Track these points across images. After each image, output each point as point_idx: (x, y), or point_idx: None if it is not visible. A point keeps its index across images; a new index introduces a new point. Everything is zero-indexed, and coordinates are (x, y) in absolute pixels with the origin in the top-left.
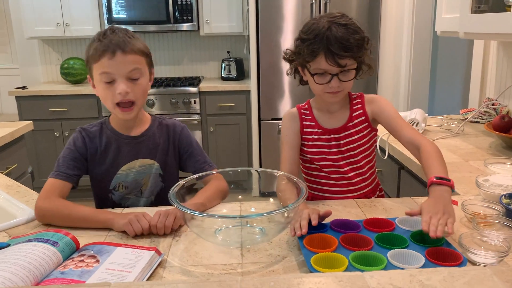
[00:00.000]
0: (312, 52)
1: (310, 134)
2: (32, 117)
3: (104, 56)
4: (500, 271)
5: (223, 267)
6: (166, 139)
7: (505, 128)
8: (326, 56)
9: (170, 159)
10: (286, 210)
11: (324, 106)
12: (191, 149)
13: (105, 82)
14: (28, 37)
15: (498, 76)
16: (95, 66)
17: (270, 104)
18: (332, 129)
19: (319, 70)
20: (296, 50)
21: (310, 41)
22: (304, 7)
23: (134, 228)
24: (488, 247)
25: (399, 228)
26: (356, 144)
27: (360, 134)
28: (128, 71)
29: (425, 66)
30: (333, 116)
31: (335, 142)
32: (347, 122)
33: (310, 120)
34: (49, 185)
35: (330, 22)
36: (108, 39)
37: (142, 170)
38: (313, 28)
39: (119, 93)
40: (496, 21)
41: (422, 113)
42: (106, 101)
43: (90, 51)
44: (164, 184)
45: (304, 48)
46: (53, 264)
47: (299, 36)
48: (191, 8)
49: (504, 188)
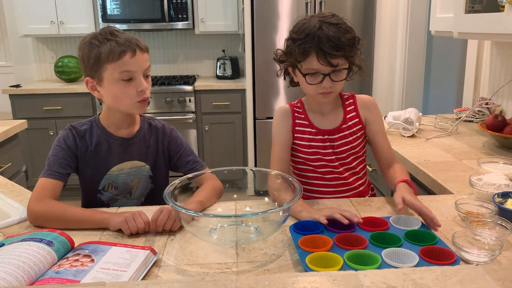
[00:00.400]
0: (304, 51)
1: (303, 133)
2: (26, 116)
3: (126, 54)
4: (492, 270)
5: (218, 266)
6: (155, 141)
7: (499, 128)
8: (318, 55)
9: (159, 161)
10: (281, 209)
11: (316, 107)
12: (181, 150)
13: (123, 81)
14: (22, 35)
15: (492, 76)
16: (112, 66)
17: (265, 102)
18: (326, 130)
19: (311, 70)
20: (287, 50)
21: (301, 40)
22: (299, 6)
23: (129, 226)
24: (481, 246)
25: (393, 227)
26: (350, 146)
27: (354, 136)
28: (145, 68)
29: (420, 65)
30: (326, 117)
31: (330, 143)
32: (341, 124)
33: (303, 119)
34: (41, 185)
35: (321, 22)
36: (122, 38)
37: (132, 172)
38: (304, 28)
39: (141, 90)
40: (490, 21)
41: (416, 112)
42: (124, 99)
43: (102, 51)
44: (154, 185)
45: (295, 48)
46: (48, 263)
47: (289, 36)
48: (186, 7)
49: (497, 187)
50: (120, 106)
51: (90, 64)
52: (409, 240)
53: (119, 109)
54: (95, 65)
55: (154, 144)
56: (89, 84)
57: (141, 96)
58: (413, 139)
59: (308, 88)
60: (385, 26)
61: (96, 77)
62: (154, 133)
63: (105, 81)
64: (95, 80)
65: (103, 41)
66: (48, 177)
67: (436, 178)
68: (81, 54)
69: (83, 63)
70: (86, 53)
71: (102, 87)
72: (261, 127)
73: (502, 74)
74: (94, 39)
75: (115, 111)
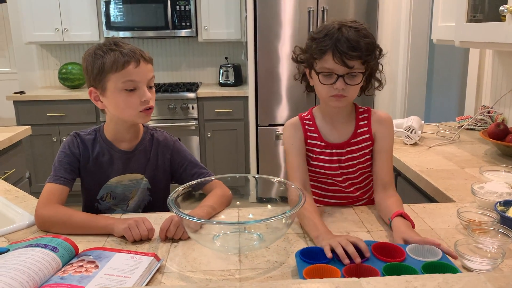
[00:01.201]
0: (321, 49)
1: (313, 146)
2: (29, 122)
3: (130, 65)
4: (493, 278)
5: (221, 273)
6: (155, 154)
7: (501, 136)
8: (333, 54)
9: (159, 173)
10: (284, 216)
11: (328, 116)
12: (186, 163)
13: (126, 90)
14: (26, 42)
15: (494, 84)
16: (116, 76)
17: (268, 110)
18: (335, 143)
19: (326, 69)
20: (306, 47)
21: (319, 39)
22: (302, 14)
23: (133, 233)
24: (483, 254)
25: (410, 258)
26: (357, 161)
27: (362, 151)
28: (149, 79)
29: (422, 73)
30: (336, 129)
31: (337, 157)
32: (351, 138)
33: (313, 132)
34: (48, 190)
35: (341, 24)
36: (126, 48)
37: (131, 184)
38: (324, 28)
39: (145, 100)
40: (491, 30)
41: (419, 120)
42: (127, 109)
43: (106, 61)
44: (152, 197)
45: (313, 45)
46: (53, 269)
47: (310, 36)
48: (190, 15)
49: (499, 196)
50: (123, 116)
51: (94, 74)
52: (427, 273)
53: (123, 119)
54: (98, 75)
55: (154, 157)
56: (92, 95)
57: (144, 106)
58: (415, 147)
59: (321, 89)
60: (387, 34)
61: (99, 87)
62: (155, 145)
63: (109, 91)
64: (99, 90)
65: (107, 51)
66: (54, 182)
67: (438, 186)
68: (85, 64)
69: (87, 74)
70: (90, 64)
71: (105, 97)
72: (263, 134)
73: (504, 82)
74: (99, 50)
75: (118, 122)
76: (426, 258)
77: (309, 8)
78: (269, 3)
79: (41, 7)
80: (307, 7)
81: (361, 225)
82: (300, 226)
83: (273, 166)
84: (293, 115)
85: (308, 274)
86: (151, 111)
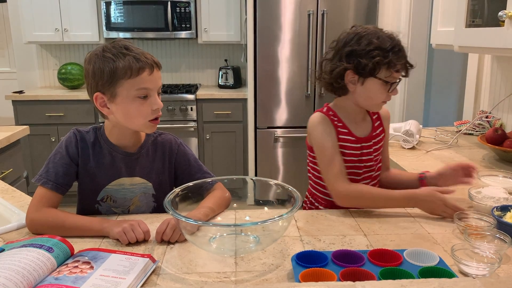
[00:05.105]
0: (397, 60)
1: (345, 141)
2: (28, 122)
3: (145, 71)
4: (489, 283)
5: (217, 275)
6: (161, 158)
7: (498, 141)
8: (404, 65)
9: (164, 179)
10: (281, 219)
11: (352, 115)
12: (189, 167)
13: (139, 98)
14: (26, 41)
15: (492, 89)
16: (129, 82)
17: (267, 112)
18: (362, 137)
19: (393, 79)
20: (376, 57)
21: (393, 50)
22: (302, 17)
23: (128, 237)
24: (480, 259)
25: (407, 263)
26: (378, 152)
27: (380, 144)
28: (159, 86)
29: (421, 78)
30: (359, 125)
31: (365, 150)
32: (372, 131)
33: (342, 127)
34: (39, 195)
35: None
36: (138, 53)
37: (132, 189)
38: (388, 37)
39: (157, 108)
40: (490, 36)
41: (417, 125)
42: (138, 117)
43: (118, 66)
44: (157, 203)
45: (381, 54)
46: (47, 269)
47: (377, 45)
48: (190, 16)
49: (496, 201)
50: (131, 125)
51: (104, 79)
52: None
53: (129, 127)
54: (109, 80)
55: (160, 161)
56: (99, 100)
57: (155, 115)
58: (413, 151)
59: (379, 96)
60: None
61: (108, 93)
62: (160, 149)
63: (119, 97)
64: (107, 96)
65: (118, 55)
66: (44, 186)
67: None
68: (91, 67)
69: (94, 78)
70: (98, 67)
71: (114, 103)
72: (262, 136)
73: (503, 87)
74: (108, 53)
75: (122, 128)
76: (423, 263)
77: (309, 11)
78: (269, 6)
79: (41, 7)
80: (307, 10)
81: (358, 228)
82: (298, 228)
83: (272, 169)
84: (292, 118)
85: (305, 278)
86: (158, 121)
